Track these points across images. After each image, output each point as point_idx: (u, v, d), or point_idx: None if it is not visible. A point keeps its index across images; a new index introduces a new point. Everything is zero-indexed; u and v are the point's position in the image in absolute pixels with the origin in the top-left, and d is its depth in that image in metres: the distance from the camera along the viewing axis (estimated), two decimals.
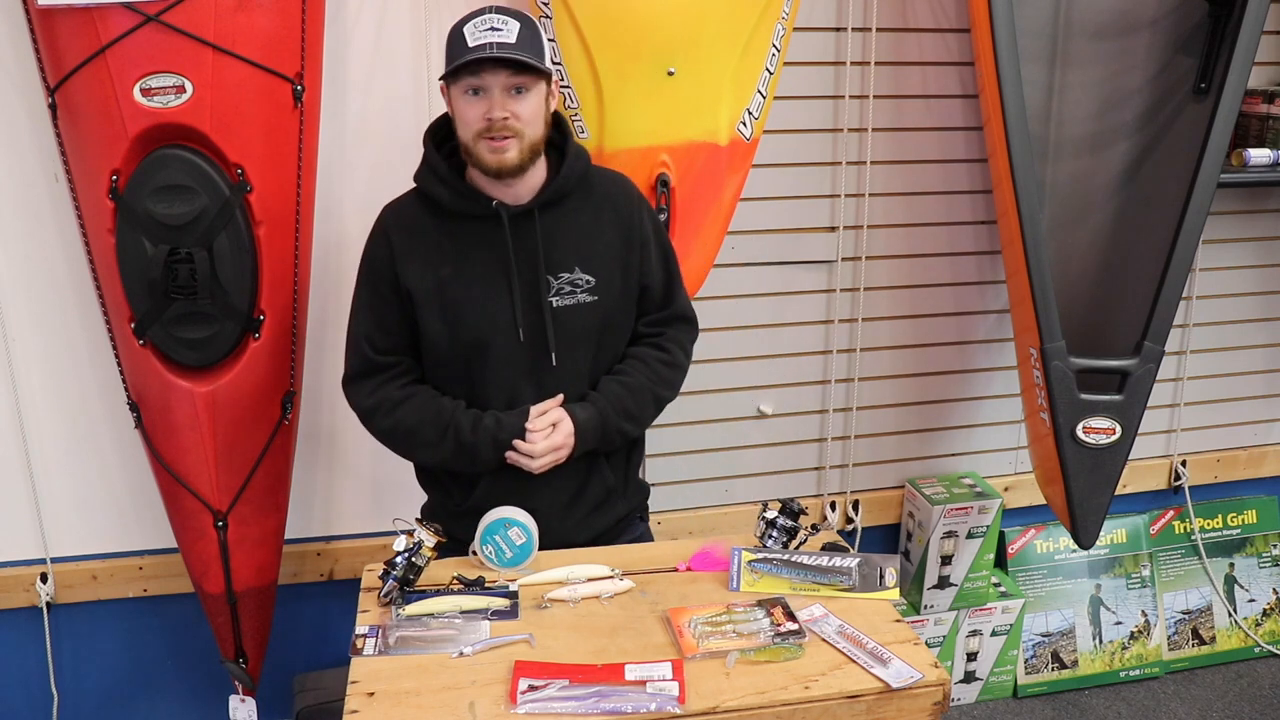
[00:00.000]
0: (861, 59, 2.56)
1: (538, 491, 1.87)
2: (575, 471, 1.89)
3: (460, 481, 1.92)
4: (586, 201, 1.87)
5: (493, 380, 1.85)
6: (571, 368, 1.86)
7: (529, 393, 1.86)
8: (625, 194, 1.92)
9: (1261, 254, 3.02)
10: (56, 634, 2.50)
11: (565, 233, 1.84)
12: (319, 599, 2.60)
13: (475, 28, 1.71)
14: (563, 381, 1.86)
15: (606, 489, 1.94)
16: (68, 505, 2.42)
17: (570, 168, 1.83)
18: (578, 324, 1.85)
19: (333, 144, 2.29)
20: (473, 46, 1.69)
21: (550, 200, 1.83)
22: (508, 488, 1.85)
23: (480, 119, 1.72)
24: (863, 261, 2.70)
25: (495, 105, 1.71)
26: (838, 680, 1.45)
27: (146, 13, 1.84)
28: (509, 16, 1.72)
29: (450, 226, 1.83)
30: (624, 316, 1.92)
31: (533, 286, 1.82)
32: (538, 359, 1.84)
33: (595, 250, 1.86)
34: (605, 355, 1.91)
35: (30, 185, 2.22)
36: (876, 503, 2.92)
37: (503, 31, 1.70)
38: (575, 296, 1.84)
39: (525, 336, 1.83)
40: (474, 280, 1.82)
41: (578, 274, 1.84)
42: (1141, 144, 2.56)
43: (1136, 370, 2.33)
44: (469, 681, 1.45)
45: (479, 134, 1.73)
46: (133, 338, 2.05)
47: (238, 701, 2.32)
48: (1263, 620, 3.17)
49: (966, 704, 2.91)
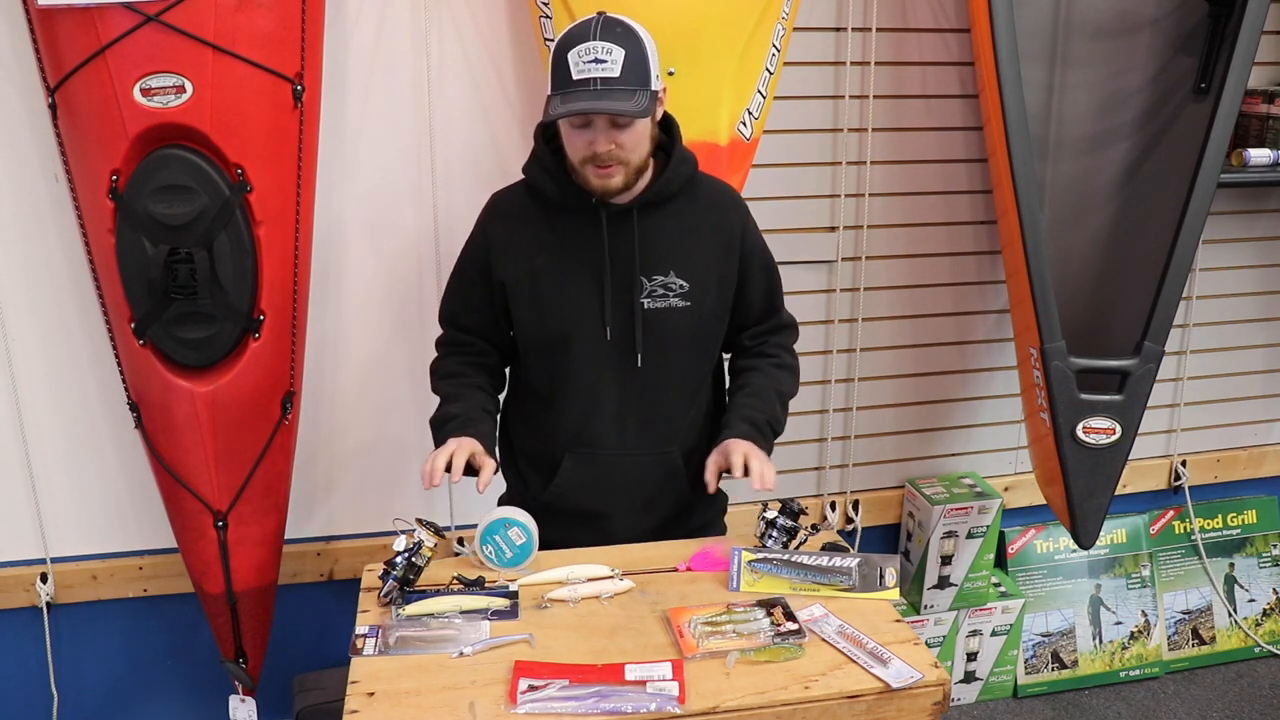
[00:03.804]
0: (861, 59, 2.56)
1: (614, 494, 1.90)
2: (653, 478, 1.91)
3: (540, 472, 1.94)
4: (689, 207, 1.86)
5: (575, 376, 1.86)
6: (657, 371, 1.86)
7: (612, 392, 1.86)
8: (730, 204, 1.91)
9: (1261, 254, 3.02)
10: (56, 634, 2.50)
11: (663, 235, 1.84)
12: (319, 599, 2.61)
13: (580, 57, 1.65)
14: (647, 384, 1.86)
15: (684, 499, 1.95)
16: (68, 505, 2.43)
17: (675, 171, 1.82)
18: (667, 327, 1.84)
19: (333, 144, 2.29)
20: (576, 80, 1.65)
21: (651, 201, 1.82)
22: (583, 483, 1.89)
23: (586, 148, 1.71)
24: (863, 261, 2.71)
25: (599, 139, 1.70)
26: (838, 680, 1.45)
27: (146, 13, 1.84)
28: (613, 43, 1.65)
29: (552, 219, 1.84)
30: (715, 325, 1.91)
31: (625, 286, 1.82)
32: (623, 359, 1.84)
33: (692, 256, 1.85)
34: (692, 362, 1.91)
35: (30, 185, 2.22)
36: (876, 503, 2.92)
37: (606, 64, 1.64)
38: (667, 300, 1.84)
39: (612, 335, 1.83)
40: (567, 274, 1.83)
41: (672, 278, 1.83)
42: (1141, 144, 2.56)
43: (1136, 370, 2.34)
44: (469, 681, 1.45)
45: (585, 160, 1.73)
46: (133, 338, 2.05)
47: (238, 701, 2.32)
48: (1263, 620, 3.17)
49: (966, 704, 2.91)
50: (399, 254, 2.42)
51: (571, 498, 1.91)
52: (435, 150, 2.37)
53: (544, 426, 1.93)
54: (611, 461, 1.89)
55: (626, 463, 1.89)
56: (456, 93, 2.36)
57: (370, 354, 2.48)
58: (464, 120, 2.37)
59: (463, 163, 2.39)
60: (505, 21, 2.34)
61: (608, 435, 1.88)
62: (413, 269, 2.44)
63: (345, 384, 2.48)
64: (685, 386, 1.91)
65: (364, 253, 2.41)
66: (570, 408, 1.88)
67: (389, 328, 2.47)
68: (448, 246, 2.41)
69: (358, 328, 2.45)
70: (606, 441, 1.88)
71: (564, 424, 1.89)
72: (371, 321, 2.45)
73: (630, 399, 1.87)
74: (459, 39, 2.33)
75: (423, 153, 2.37)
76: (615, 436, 1.88)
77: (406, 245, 2.42)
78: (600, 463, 1.89)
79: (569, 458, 1.90)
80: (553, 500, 1.91)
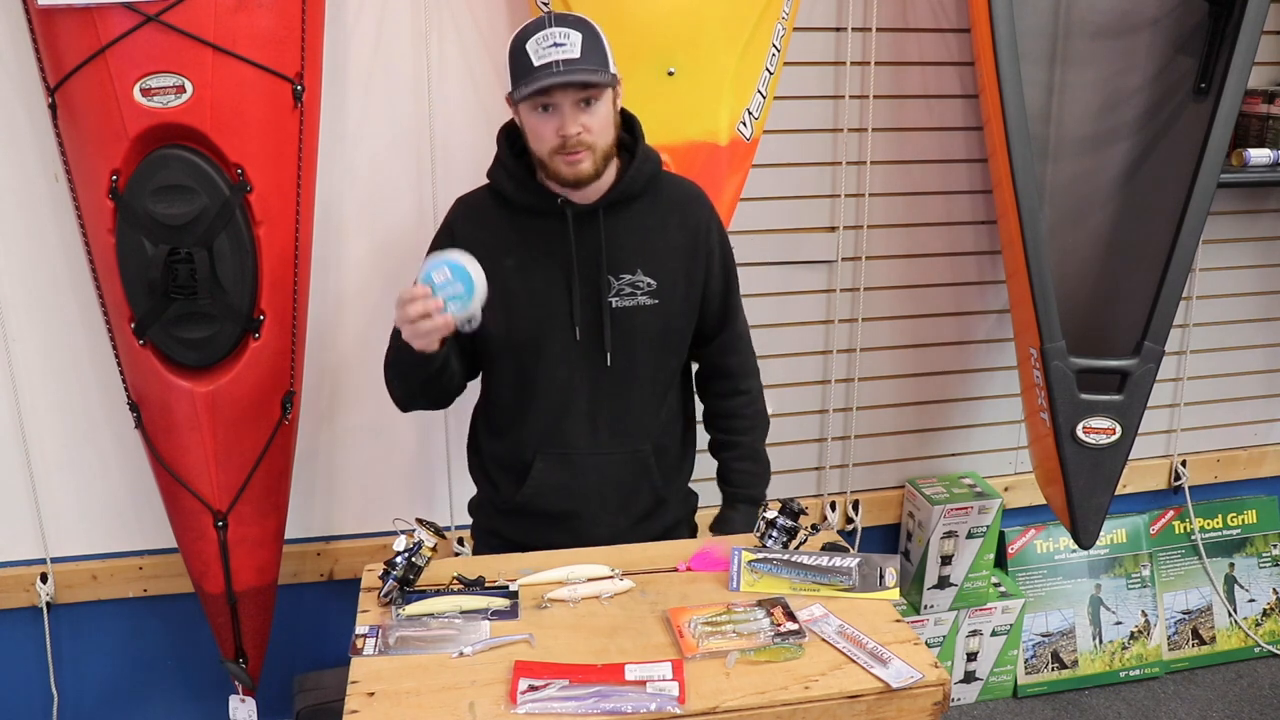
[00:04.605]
0: (861, 59, 2.56)
1: (587, 494, 1.90)
2: (625, 477, 1.92)
3: (510, 475, 1.94)
4: (654, 205, 1.87)
5: (545, 376, 1.86)
6: (627, 369, 1.87)
7: (582, 392, 1.87)
8: (695, 201, 1.92)
9: (1261, 254, 3.02)
10: (56, 634, 2.50)
11: (629, 234, 1.84)
12: (319, 599, 2.60)
13: (538, 44, 1.69)
14: (617, 383, 1.87)
15: (656, 497, 1.96)
16: (68, 505, 2.42)
17: (638, 169, 1.83)
18: (636, 326, 1.85)
19: (333, 144, 2.29)
20: (538, 66, 1.68)
21: (616, 200, 1.83)
22: (556, 484, 1.89)
23: (554, 135, 1.72)
24: (863, 261, 2.70)
25: (567, 122, 1.71)
26: (838, 680, 1.45)
27: (146, 13, 1.84)
28: (569, 28, 1.70)
29: (518, 222, 1.85)
30: (684, 322, 1.92)
31: (593, 285, 1.83)
32: (593, 358, 1.85)
33: (659, 254, 1.86)
34: (662, 360, 1.92)
35: (30, 185, 2.22)
36: (876, 503, 2.92)
37: (565, 46, 1.68)
38: (635, 298, 1.84)
39: (581, 335, 1.84)
40: (535, 275, 1.84)
41: (639, 276, 1.84)
42: (1141, 144, 2.56)
43: (1136, 370, 2.33)
44: (469, 681, 1.45)
45: (554, 150, 1.74)
46: (133, 338, 2.05)
47: (238, 701, 2.32)
48: (1263, 620, 3.17)
49: (966, 704, 2.91)
50: (399, 253, 2.42)
51: (543, 499, 1.90)
52: (435, 150, 2.37)
53: (513, 429, 1.92)
54: (583, 461, 1.89)
55: (599, 461, 1.90)
56: (456, 92, 2.36)
57: (370, 353, 2.46)
58: (464, 120, 2.37)
59: (463, 163, 2.39)
60: (505, 21, 2.34)
61: (579, 435, 1.88)
62: (412, 268, 2.40)
63: (345, 384, 2.48)
64: (655, 384, 1.92)
65: (364, 252, 2.41)
66: (540, 408, 1.88)
67: (389, 326, 2.46)
68: None
69: (358, 327, 2.45)
70: (578, 441, 1.88)
71: (534, 425, 1.89)
72: (371, 320, 2.45)
73: (601, 398, 1.87)
74: (459, 39, 2.33)
75: (422, 153, 2.37)
76: (587, 436, 1.88)
77: (406, 244, 2.42)
78: (572, 462, 1.89)
79: (540, 459, 1.89)
80: (525, 502, 1.91)
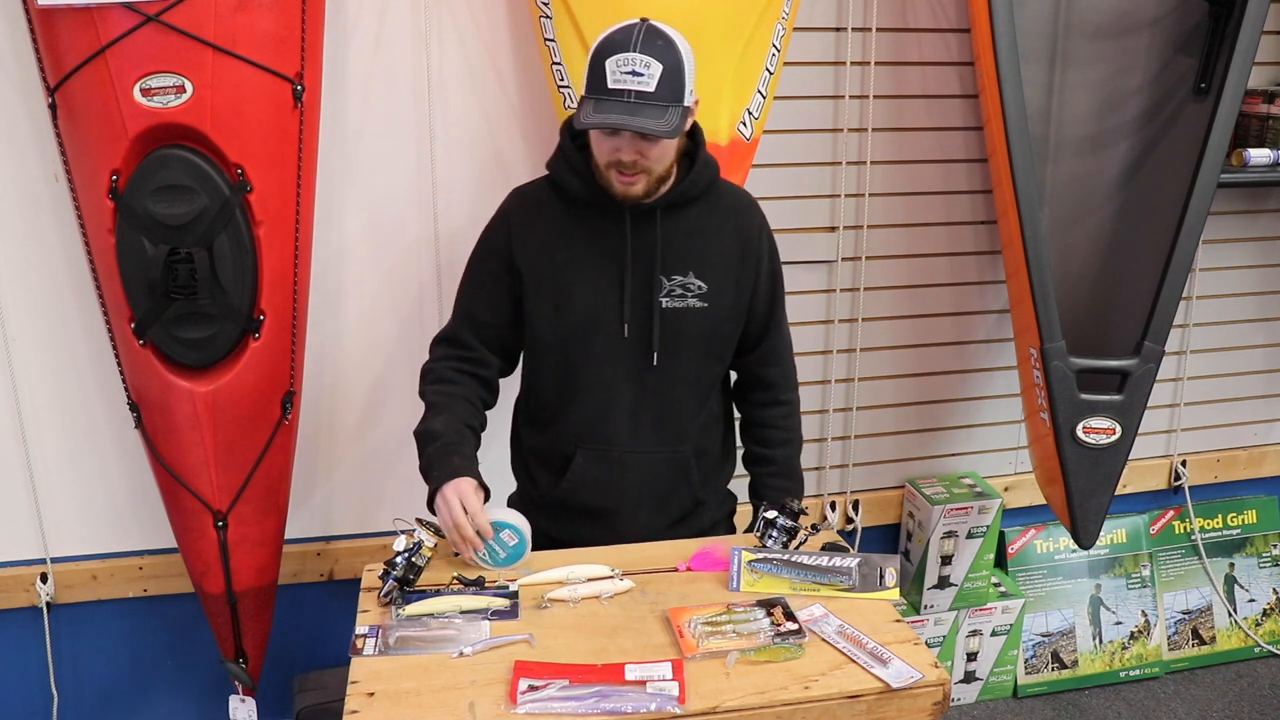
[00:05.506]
0: (861, 59, 2.56)
1: (625, 491, 1.91)
2: (664, 477, 1.92)
3: (549, 469, 1.95)
4: (710, 211, 1.88)
5: (590, 373, 1.86)
6: (672, 370, 1.87)
7: (626, 389, 1.87)
8: (749, 209, 1.93)
9: (1261, 254, 3.02)
10: (56, 634, 2.50)
11: (684, 236, 1.85)
12: (319, 599, 2.60)
13: (617, 66, 1.64)
14: (661, 383, 1.87)
15: (694, 499, 1.97)
16: (68, 505, 2.42)
17: (699, 175, 1.84)
18: (684, 328, 1.85)
19: (333, 144, 2.29)
20: (611, 89, 1.65)
21: (674, 203, 1.83)
22: (595, 479, 1.90)
23: (611, 153, 1.72)
24: (863, 261, 2.70)
25: (626, 149, 1.71)
26: (838, 680, 1.45)
27: (146, 13, 1.84)
28: (652, 57, 1.64)
29: (575, 215, 1.85)
30: (731, 328, 1.92)
31: (645, 285, 1.83)
32: (639, 357, 1.85)
33: (711, 258, 1.86)
34: (706, 363, 1.92)
35: (30, 185, 2.22)
36: (876, 503, 2.92)
37: (643, 77, 1.64)
38: (686, 300, 1.85)
39: (630, 333, 1.84)
40: (587, 269, 1.84)
41: (691, 278, 1.84)
42: (1141, 144, 2.56)
43: (1136, 370, 2.33)
44: (469, 681, 1.45)
45: (609, 165, 1.74)
46: (133, 338, 2.05)
47: (238, 701, 2.32)
48: (1263, 620, 3.17)
49: (966, 704, 2.91)
50: (399, 253, 2.42)
51: (582, 494, 1.91)
52: (435, 150, 2.37)
53: (555, 423, 1.93)
54: (623, 458, 1.90)
55: (638, 460, 1.90)
56: (456, 93, 2.36)
57: (370, 353, 2.48)
58: (464, 120, 2.37)
59: (463, 162, 2.39)
60: (505, 21, 2.34)
61: (620, 432, 1.89)
62: (412, 268, 2.44)
63: (345, 384, 2.48)
64: (698, 386, 1.92)
65: (364, 252, 2.41)
66: (584, 404, 1.89)
67: (389, 327, 2.47)
68: (448, 246, 2.41)
69: (358, 327, 2.45)
70: (619, 438, 1.89)
71: (576, 420, 1.90)
72: (371, 321, 2.45)
73: (644, 397, 1.87)
74: (459, 39, 2.33)
75: (422, 152, 2.37)
76: (628, 433, 1.89)
77: (406, 245, 2.42)
78: (612, 459, 1.90)
79: (581, 454, 1.90)
80: (563, 497, 1.92)
